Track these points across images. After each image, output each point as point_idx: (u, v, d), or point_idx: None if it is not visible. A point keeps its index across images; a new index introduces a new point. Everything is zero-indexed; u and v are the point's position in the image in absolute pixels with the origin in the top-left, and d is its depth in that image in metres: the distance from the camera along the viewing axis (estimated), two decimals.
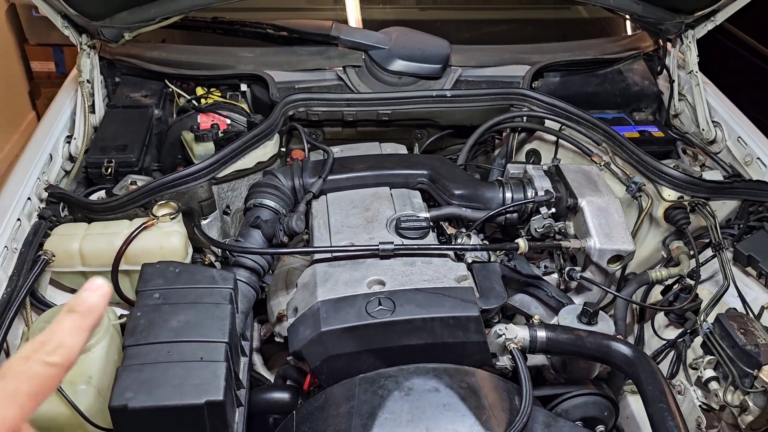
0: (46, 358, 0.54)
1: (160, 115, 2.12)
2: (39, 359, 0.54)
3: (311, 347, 1.33)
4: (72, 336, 0.56)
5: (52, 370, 0.54)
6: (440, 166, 1.80)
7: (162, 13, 1.97)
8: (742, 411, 1.46)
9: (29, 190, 1.70)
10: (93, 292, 0.59)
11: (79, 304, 0.58)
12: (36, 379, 0.53)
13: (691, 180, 1.81)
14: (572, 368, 1.54)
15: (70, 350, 0.56)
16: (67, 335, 0.56)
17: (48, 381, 0.54)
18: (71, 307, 0.58)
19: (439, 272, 1.46)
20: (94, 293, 0.58)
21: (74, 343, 0.56)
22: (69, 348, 0.56)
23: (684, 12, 2.13)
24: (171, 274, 1.37)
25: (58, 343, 0.55)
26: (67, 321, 0.57)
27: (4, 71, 4.42)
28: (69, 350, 0.55)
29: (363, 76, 2.16)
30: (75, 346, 0.56)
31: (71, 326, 0.57)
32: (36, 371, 0.53)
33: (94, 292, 0.59)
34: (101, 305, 0.59)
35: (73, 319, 0.57)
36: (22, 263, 1.54)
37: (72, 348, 0.56)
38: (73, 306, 0.58)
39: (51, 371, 0.54)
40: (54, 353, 0.54)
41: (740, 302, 1.66)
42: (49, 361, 0.54)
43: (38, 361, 0.54)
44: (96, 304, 0.58)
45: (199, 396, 1.14)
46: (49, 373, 0.54)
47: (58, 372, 0.55)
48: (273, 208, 1.69)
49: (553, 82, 2.27)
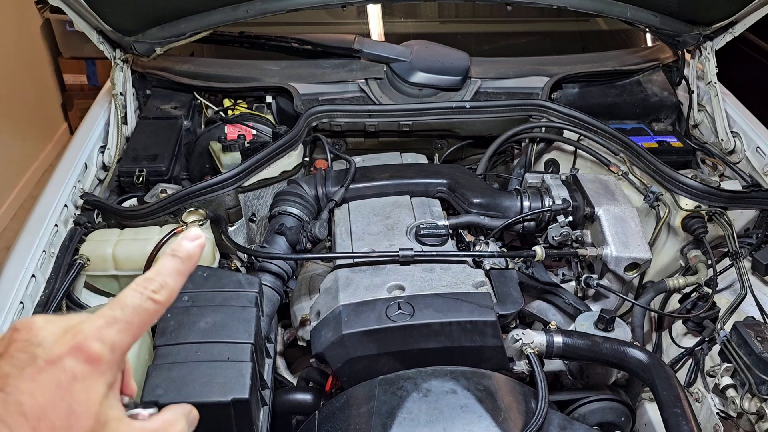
0: (154, 295, 0.59)
1: (189, 126, 2.20)
2: (147, 295, 0.59)
3: (333, 350, 1.37)
4: (174, 278, 0.61)
5: (156, 306, 0.60)
6: (459, 176, 1.84)
7: (192, 28, 2.05)
8: (759, 418, 1.46)
9: (66, 198, 1.77)
10: (191, 241, 0.63)
11: (180, 250, 0.62)
12: (144, 313, 0.59)
13: (709, 189, 1.82)
14: (589, 374, 1.57)
15: (171, 290, 0.61)
16: (169, 276, 0.61)
17: (152, 315, 0.60)
18: (173, 251, 0.62)
19: (458, 278, 1.50)
20: (192, 242, 0.63)
21: (175, 284, 0.61)
22: (171, 288, 0.61)
23: (702, 24, 2.15)
24: (199, 278, 1.43)
25: (163, 283, 0.60)
26: (170, 264, 0.62)
27: (38, 83, 4.57)
28: (171, 290, 0.61)
29: (385, 88, 2.21)
30: (176, 288, 0.61)
31: (174, 269, 0.61)
32: (145, 306, 0.59)
33: (192, 240, 0.63)
34: (197, 253, 0.63)
35: (175, 263, 0.62)
36: (58, 267, 1.62)
37: (173, 289, 0.61)
38: (175, 250, 0.62)
39: (155, 307, 0.60)
40: (159, 292, 0.60)
41: (758, 311, 1.66)
42: (155, 298, 0.60)
43: (147, 296, 0.59)
44: (194, 251, 0.63)
45: (226, 394, 1.19)
46: (154, 309, 0.60)
47: (160, 309, 0.60)
48: (297, 216, 1.74)
49: (572, 93, 2.30)
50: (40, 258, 1.58)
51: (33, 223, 1.67)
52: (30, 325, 0.56)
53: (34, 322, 0.57)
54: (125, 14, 1.94)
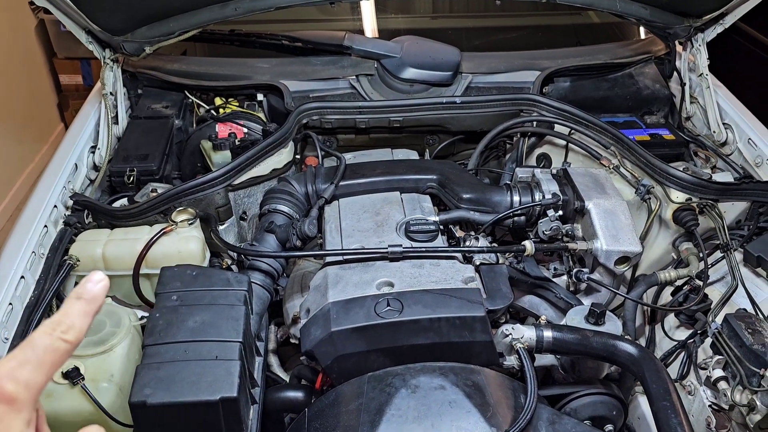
0: (63, 335, 0.62)
1: (180, 125, 2.20)
2: (57, 336, 0.62)
3: (322, 347, 1.37)
4: (81, 318, 0.64)
5: (67, 346, 0.62)
6: (449, 171, 1.84)
7: (180, 27, 2.04)
8: (750, 410, 1.46)
9: (55, 199, 1.77)
10: (95, 284, 0.66)
11: (84, 292, 0.65)
12: (55, 352, 0.62)
13: (699, 182, 1.82)
14: (581, 368, 1.57)
15: (79, 331, 0.64)
16: (76, 317, 0.64)
17: (63, 355, 0.62)
18: (78, 294, 0.65)
19: (447, 274, 1.50)
20: (96, 285, 0.66)
21: (83, 325, 0.64)
22: (78, 329, 0.64)
23: (692, 16, 2.14)
24: (188, 277, 1.43)
25: (71, 324, 0.63)
26: (76, 306, 0.65)
27: (33, 84, 4.57)
28: (79, 330, 0.64)
29: (375, 84, 2.21)
30: (83, 328, 0.64)
31: (80, 310, 0.65)
32: (56, 346, 0.62)
33: (96, 284, 0.66)
34: (102, 295, 0.66)
35: (81, 305, 0.65)
36: (48, 268, 1.62)
37: (81, 329, 0.64)
38: (80, 293, 0.65)
39: (66, 347, 0.62)
40: (68, 332, 0.63)
41: (749, 303, 1.66)
42: (65, 338, 0.62)
43: (57, 337, 0.62)
44: (99, 293, 0.66)
45: (214, 393, 1.19)
46: (64, 348, 0.62)
47: (70, 348, 0.63)
48: (287, 214, 1.74)
49: (564, 87, 2.30)
50: (29, 259, 1.58)
51: (22, 224, 1.67)
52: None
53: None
54: (113, 14, 1.93)
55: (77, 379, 1.36)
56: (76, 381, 1.36)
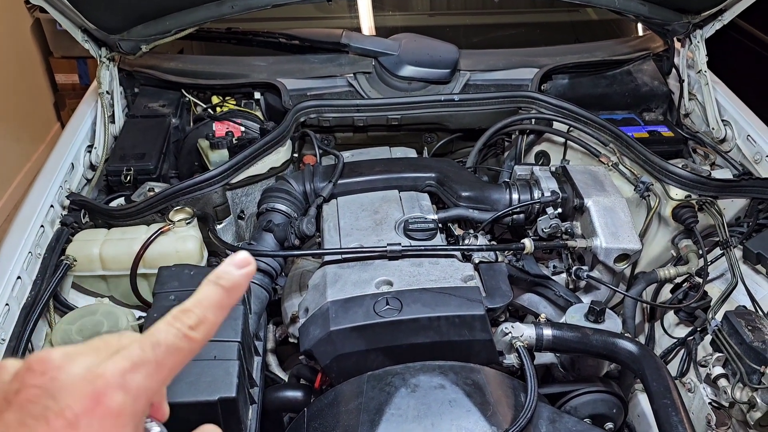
0: (190, 333, 0.50)
1: (177, 123, 2.19)
2: (183, 332, 0.50)
3: (321, 346, 1.36)
4: (215, 312, 0.52)
5: (191, 346, 0.51)
6: (448, 169, 1.83)
7: (177, 25, 2.03)
8: (751, 407, 1.46)
9: (52, 198, 1.76)
10: (239, 268, 0.53)
11: (226, 278, 0.53)
12: (178, 353, 0.50)
13: (698, 179, 1.81)
14: (581, 366, 1.56)
15: (211, 327, 0.52)
16: (210, 310, 0.52)
17: (185, 357, 0.51)
18: (218, 278, 0.53)
19: (446, 272, 1.49)
20: (240, 269, 0.53)
21: (216, 320, 0.52)
22: (210, 324, 0.52)
23: (691, 12, 2.14)
24: (186, 277, 1.42)
25: (202, 318, 0.51)
26: (213, 294, 0.52)
27: (29, 84, 4.55)
28: (210, 327, 0.52)
29: (373, 82, 2.20)
30: (216, 324, 0.52)
31: (216, 301, 0.52)
32: (179, 346, 0.50)
33: (240, 268, 0.53)
34: (244, 285, 0.54)
35: (219, 294, 0.52)
36: (45, 268, 1.61)
37: (213, 325, 0.52)
38: (220, 277, 0.53)
39: (190, 347, 0.51)
40: (197, 328, 0.51)
41: (749, 300, 1.66)
42: (192, 335, 0.50)
43: (183, 334, 0.50)
44: (241, 282, 0.53)
45: (213, 393, 1.19)
46: (188, 349, 0.51)
47: (195, 348, 0.51)
48: (285, 212, 1.73)
49: (562, 84, 2.29)
50: (26, 259, 1.57)
51: (19, 224, 1.66)
52: (45, 365, 0.48)
53: (50, 360, 0.48)
54: (109, 12, 1.92)
55: None
56: None
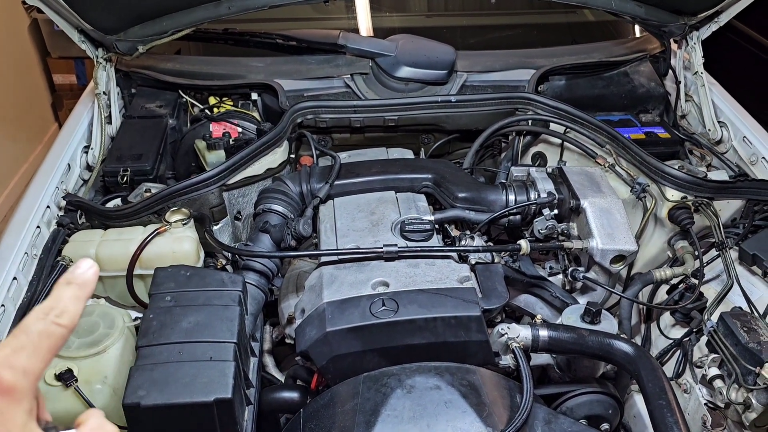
0: (57, 319, 0.60)
1: (174, 124, 2.19)
2: (51, 320, 0.60)
3: (317, 347, 1.37)
4: (74, 303, 0.62)
5: (62, 330, 0.60)
6: (444, 170, 1.84)
7: (173, 26, 2.03)
8: (746, 408, 1.46)
9: (48, 199, 1.76)
10: (85, 270, 0.64)
11: (74, 277, 0.63)
12: (51, 337, 0.59)
13: (694, 180, 1.82)
14: (577, 367, 1.56)
15: (73, 314, 0.61)
16: (69, 302, 0.62)
17: (58, 339, 0.60)
18: (68, 279, 0.63)
19: (442, 273, 1.50)
20: (86, 270, 0.64)
21: (76, 309, 0.62)
22: (72, 313, 0.61)
23: (687, 14, 2.14)
24: (182, 278, 1.42)
25: (63, 309, 0.61)
26: (67, 290, 0.62)
27: (27, 84, 4.55)
28: (73, 314, 0.61)
29: (370, 83, 2.21)
30: (77, 312, 0.62)
31: (71, 295, 0.62)
32: (51, 330, 0.59)
33: (87, 269, 0.64)
34: (92, 281, 0.64)
35: (72, 290, 0.63)
36: (41, 269, 1.61)
37: (75, 313, 0.62)
38: (70, 279, 0.63)
39: (60, 331, 0.60)
40: (62, 316, 0.60)
41: (745, 301, 1.66)
42: (59, 321, 0.60)
43: (51, 321, 0.60)
44: (89, 278, 0.64)
45: (208, 394, 1.19)
46: (59, 333, 0.60)
47: (65, 332, 0.60)
48: (281, 213, 1.73)
49: (559, 85, 2.30)
50: (22, 260, 1.57)
51: (15, 224, 1.66)
52: None
53: None
54: (105, 12, 1.92)
55: (70, 381, 1.35)
56: (69, 383, 1.35)
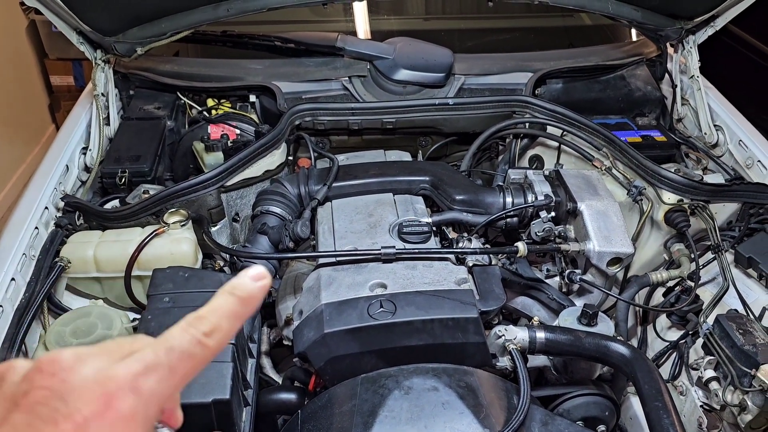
0: (204, 339, 0.51)
1: (173, 126, 2.19)
2: (197, 338, 0.51)
3: (315, 348, 1.37)
4: (229, 321, 0.52)
5: (204, 353, 0.51)
6: (442, 173, 1.84)
7: (172, 28, 2.03)
8: (742, 410, 1.47)
9: (46, 200, 1.76)
10: (255, 282, 0.54)
11: (241, 289, 0.54)
12: (191, 360, 0.50)
13: (690, 183, 1.83)
14: (573, 369, 1.57)
15: (225, 335, 0.52)
16: (224, 318, 0.52)
17: (198, 364, 0.51)
18: (233, 289, 0.54)
19: (440, 275, 1.50)
20: (255, 282, 0.54)
21: (230, 329, 0.52)
22: (224, 332, 0.52)
23: (683, 18, 2.16)
24: (180, 279, 1.42)
25: (216, 325, 0.52)
26: (228, 303, 0.53)
27: (24, 85, 4.54)
28: (224, 335, 0.52)
29: (368, 85, 2.21)
30: (230, 333, 0.52)
31: (230, 310, 0.53)
32: (193, 351, 0.50)
33: (257, 281, 0.54)
34: (259, 297, 0.55)
35: (233, 304, 0.53)
36: (39, 270, 1.61)
37: (227, 334, 0.52)
38: (236, 288, 0.54)
39: (203, 354, 0.51)
40: (211, 335, 0.51)
41: (740, 303, 1.67)
42: (205, 342, 0.51)
43: (197, 340, 0.50)
44: (257, 294, 0.54)
45: (206, 395, 1.19)
46: (202, 355, 0.51)
47: (208, 356, 0.51)
48: (279, 215, 1.74)
49: (556, 88, 2.31)
50: (20, 261, 1.57)
51: (13, 225, 1.66)
52: (55, 366, 0.47)
53: (60, 360, 0.48)
54: (104, 14, 1.92)
55: None
56: None
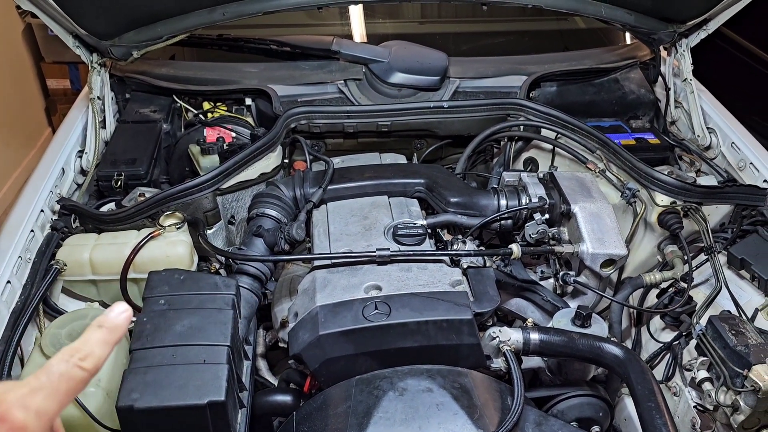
0: (80, 363, 0.61)
1: (169, 129, 2.20)
2: (74, 363, 0.61)
3: (310, 350, 1.38)
4: (100, 347, 0.64)
5: (83, 374, 0.61)
6: (437, 175, 1.85)
7: (168, 31, 2.04)
8: (734, 410, 1.48)
9: (42, 203, 1.77)
10: (118, 315, 0.66)
11: (107, 321, 0.65)
12: (71, 380, 0.61)
13: (683, 185, 1.84)
14: (567, 370, 1.58)
15: (98, 359, 0.63)
16: (96, 346, 0.63)
17: (79, 383, 0.61)
18: (100, 322, 0.65)
19: (434, 277, 1.51)
20: (118, 315, 0.66)
21: (102, 353, 0.63)
22: (97, 357, 0.63)
23: (676, 21, 2.17)
24: (176, 282, 1.42)
25: (89, 352, 0.62)
26: (96, 334, 0.64)
27: (20, 89, 4.54)
28: (97, 359, 0.63)
29: (363, 88, 2.22)
30: (102, 356, 0.64)
31: (100, 339, 0.64)
32: (72, 373, 0.61)
33: (119, 314, 0.66)
34: (124, 326, 0.66)
35: (102, 334, 0.64)
36: (35, 272, 1.61)
37: (100, 357, 0.63)
38: (102, 322, 0.65)
39: (82, 375, 0.61)
40: (86, 360, 0.62)
41: (733, 304, 1.68)
42: (82, 365, 0.61)
43: (73, 364, 0.61)
44: (121, 323, 0.66)
45: (202, 397, 1.19)
46: (81, 377, 0.61)
47: (87, 376, 0.62)
48: (275, 218, 1.74)
49: (550, 91, 2.32)
50: (15, 263, 1.57)
51: (9, 228, 1.66)
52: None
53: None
54: (100, 18, 1.93)
55: None
56: None
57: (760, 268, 1.73)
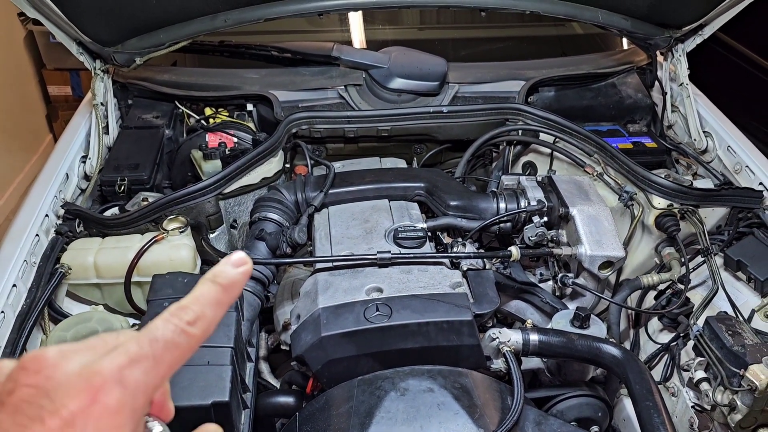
0: (188, 328, 0.50)
1: (171, 134, 2.22)
2: (181, 327, 0.50)
3: (312, 352, 1.39)
4: (213, 308, 0.52)
5: (189, 342, 0.50)
6: (437, 179, 1.87)
7: (170, 38, 2.07)
8: (731, 410, 1.49)
9: (47, 208, 1.79)
10: (236, 268, 0.54)
11: (222, 275, 0.53)
12: (175, 349, 0.50)
13: (680, 188, 1.86)
14: (567, 371, 1.60)
15: (209, 323, 0.52)
16: (208, 306, 0.52)
17: (184, 353, 0.50)
18: (215, 276, 0.53)
19: (435, 279, 1.53)
20: (236, 268, 0.54)
21: (214, 316, 0.52)
22: (209, 321, 0.52)
23: (672, 27, 2.20)
24: (180, 284, 1.44)
25: (200, 314, 0.51)
26: (210, 291, 0.52)
27: (22, 95, 4.57)
28: (208, 323, 0.52)
29: (363, 94, 2.24)
30: (214, 320, 0.52)
31: (213, 298, 0.52)
32: (177, 341, 0.50)
33: (237, 267, 0.54)
34: (242, 282, 0.54)
35: (215, 291, 0.52)
36: (40, 276, 1.63)
37: (211, 321, 0.52)
38: (217, 276, 0.53)
39: (188, 342, 0.50)
40: (195, 324, 0.51)
41: (729, 305, 1.70)
42: (190, 331, 0.50)
43: (181, 329, 0.50)
44: (238, 279, 0.54)
45: (206, 397, 1.21)
46: (187, 344, 0.50)
47: (193, 345, 0.51)
48: (277, 221, 1.76)
49: (548, 96, 2.34)
50: (21, 267, 1.59)
51: (14, 233, 1.68)
52: (40, 364, 0.46)
53: (45, 358, 0.47)
54: (104, 25, 1.95)
55: None
56: None
57: (756, 269, 1.75)
